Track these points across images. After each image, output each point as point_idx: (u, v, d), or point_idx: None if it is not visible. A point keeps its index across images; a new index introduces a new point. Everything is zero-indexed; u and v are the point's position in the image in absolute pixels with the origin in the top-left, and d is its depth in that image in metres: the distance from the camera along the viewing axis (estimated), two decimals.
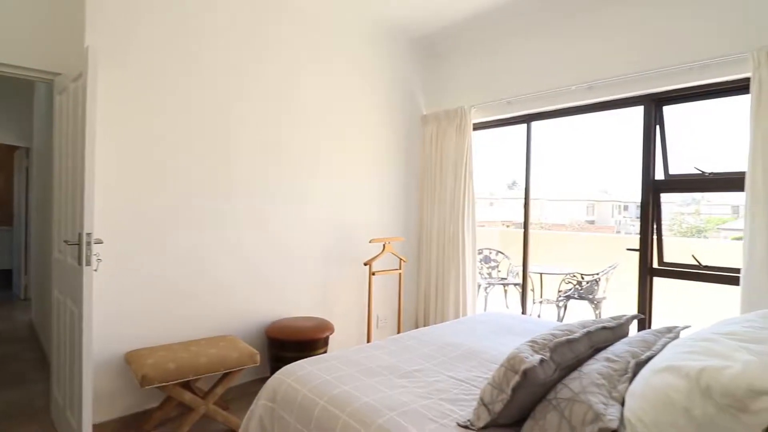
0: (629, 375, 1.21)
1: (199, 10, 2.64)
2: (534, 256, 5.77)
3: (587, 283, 3.96)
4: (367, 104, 3.55)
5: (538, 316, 4.30)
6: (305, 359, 1.79)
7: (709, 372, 0.92)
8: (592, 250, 5.92)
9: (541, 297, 4.64)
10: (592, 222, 11.46)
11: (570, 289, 4.05)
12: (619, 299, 4.06)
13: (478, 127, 3.72)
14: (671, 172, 2.83)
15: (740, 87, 2.48)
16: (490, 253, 4.90)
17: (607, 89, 2.93)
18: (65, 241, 2.13)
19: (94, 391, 2.22)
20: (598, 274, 3.98)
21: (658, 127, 2.84)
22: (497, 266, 4.89)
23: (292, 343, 2.68)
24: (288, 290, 3.08)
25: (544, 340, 1.37)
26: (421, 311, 3.88)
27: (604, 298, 4.00)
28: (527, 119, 3.45)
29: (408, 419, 1.30)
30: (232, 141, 2.79)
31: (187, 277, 2.62)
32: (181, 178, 2.58)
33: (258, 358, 2.41)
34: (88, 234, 1.93)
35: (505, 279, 4.82)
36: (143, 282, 2.46)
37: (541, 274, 4.59)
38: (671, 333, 1.54)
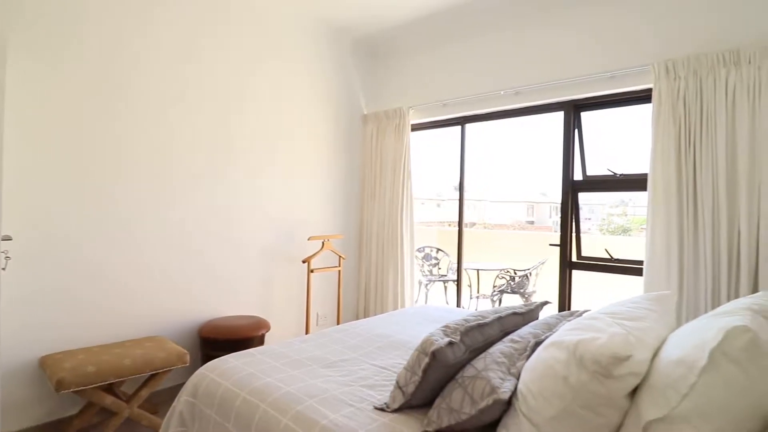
0: (527, 353, 1.32)
1: (141, 4, 2.57)
2: (476, 253, 6.00)
3: (519, 278, 4.20)
4: (308, 102, 3.56)
5: (476, 309, 4.48)
6: (231, 354, 1.78)
7: (583, 343, 1.03)
8: (529, 247, 6.27)
9: (478, 292, 4.85)
10: (531, 222, 12.09)
11: (503, 284, 4.27)
12: (547, 292, 4.33)
13: (416, 127, 3.83)
14: (588, 173, 3.07)
15: (645, 96, 2.74)
16: (431, 251, 5.05)
17: (532, 95, 3.14)
18: None
19: (3, 400, 2.08)
20: (528, 269, 4.22)
21: (576, 131, 3.07)
22: (437, 264, 5.06)
23: (225, 342, 2.64)
24: (224, 289, 3.03)
25: (457, 325, 1.46)
26: (361, 308, 3.93)
27: (534, 291, 4.26)
28: (462, 121, 3.61)
29: (326, 405, 1.34)
30: (168, 136, 2.72)
31: (113, 275, 2.50)
32: (107, 169, 2.47)
33: (187, 358, 2.36)
34: None
35: (445, 276, 4.99)
36: (61, 282, 2.32)
37: (478, 270, 4.79)
38: (572, 316, 1.68)
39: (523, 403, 1.11)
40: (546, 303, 1.88)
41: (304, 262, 3.20)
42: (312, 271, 3.24)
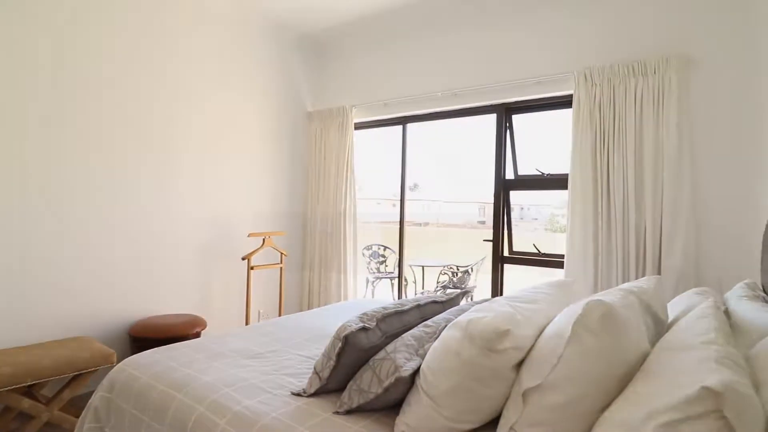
0: (436, 335, 1.41)
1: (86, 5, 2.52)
2: (428, 251, 6.13)
3: (461, 273, 4.35)
4: (251, 99, 3.54)
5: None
6: (153, 349, 1.76)
7: (473, 322, 1.13)
8: (476, 245, 6.49)
9: (423, 288, 4.98)
10: (483, 222, 12.50)
11: (446, 280, 4.41)
12: (487, 286, 4.51)
13: (359, 126, 3.90)
14: (519, 172, 3.25)
15: (568, 102, 2.94)
16: (378, 248, 5.14)
17: (469, 97, 3.28)
18: None
19: None
20: (469, 265, 4.39)
21: (508, 132, 3.25)
22: (385, 261, 5.15)
23: (158, 341, 2.56)
24: (159, 286, 2.95)
25: (375, 312, 1.52)
26: (304, 304, 3.95)
27: (474, 286, 4.43)
28: (403, 121, 3.71)
29: (243, 392, 1.37)
30: (105, 131, 2.65)
31: (36, 271, 2.39)
32: (35, 158, 2.36)
33: (114, 358, 2.29)
34: None
35: (392, 273, 5.08)
36: None
37: (423, 267, 4.93)
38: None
39: (424, 380, 1.19)
40: (467, 292, 1.99)
41: (243, 258, 3.18)
42: (252, 268, 3.22)
